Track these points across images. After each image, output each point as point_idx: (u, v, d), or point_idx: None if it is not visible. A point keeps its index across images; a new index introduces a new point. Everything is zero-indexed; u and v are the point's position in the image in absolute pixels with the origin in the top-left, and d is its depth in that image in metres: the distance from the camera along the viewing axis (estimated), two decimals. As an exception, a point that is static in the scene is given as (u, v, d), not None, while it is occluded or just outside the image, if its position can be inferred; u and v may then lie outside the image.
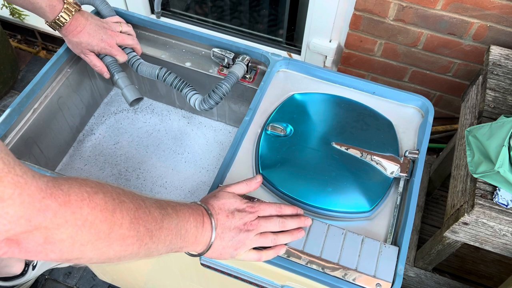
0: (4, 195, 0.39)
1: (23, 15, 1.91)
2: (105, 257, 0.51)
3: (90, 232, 0.47)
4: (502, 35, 1.24)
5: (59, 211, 0.44)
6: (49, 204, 0.43)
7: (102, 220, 0.48)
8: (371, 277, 0.67)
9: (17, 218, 0.41)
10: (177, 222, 0.59)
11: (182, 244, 0.61)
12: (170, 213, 0.59)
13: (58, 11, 0.83)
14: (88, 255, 0.49)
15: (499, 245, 0.93)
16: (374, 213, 0.75)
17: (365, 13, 1.33)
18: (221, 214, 0.65)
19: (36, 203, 0.42)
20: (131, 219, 0.52)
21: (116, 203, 0.51)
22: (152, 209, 0.56)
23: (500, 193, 0.86)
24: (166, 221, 0.57)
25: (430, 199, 1.52)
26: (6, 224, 0.40)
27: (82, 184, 0.48)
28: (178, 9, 1.77)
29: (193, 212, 0.62)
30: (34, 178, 0.43)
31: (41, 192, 0.43)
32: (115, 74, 0.92)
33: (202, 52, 1.01)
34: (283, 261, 0.68)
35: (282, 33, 1.71)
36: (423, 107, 0.88)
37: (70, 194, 0.46)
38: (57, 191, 0.45)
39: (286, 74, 0.94)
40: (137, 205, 0.54)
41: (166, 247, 0.58)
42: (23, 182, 0.41)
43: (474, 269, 1.40)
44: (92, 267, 1.40)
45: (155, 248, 0.57)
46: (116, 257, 0.52)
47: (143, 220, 0.54)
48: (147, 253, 0.56)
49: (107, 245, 0.50)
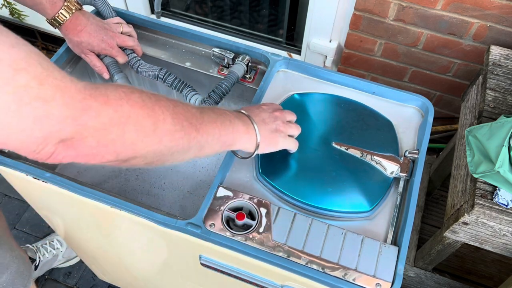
0: (47, 97, 0.41)
1: (22, 15, 1.91)
2: (159, 155, 0.53)
3: (136, 129, 0.49)
4: (502, 35, 1.24)
5: (101, 109, 0.46)
6: (90, 104, 0.45)
7: (144, 116, 0.50)
8: (371, 277, 0.67)
9: (63, 118, 0.43)
10: (217, 116, 0.60)
11: (234, 135, 0.62)
12: (207, 110, 0.60)
13: (58, 8, 0.83)
14: (141, 152, 0.51)
15: (499, 245, 0.93)
16: (374, 213, 0.75)
17: (365, 13, 1.33)
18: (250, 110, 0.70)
19: (78, 104, 0.44)
20: (172, 115, 0.53)
21: (153, 100, 0.52)
22: (188, 106, 0.57)
23: (500, 193, 0.86)
24: (206, 116, 0.58)
25: (430, 199, 1.52)
26: (55, 124, 0.43)
27: (116, 86, 0.50)
28: (178, 9, 1.77)
29: (228, 110, 0.65)
30: (73, 82, 0.45)
31: (80, 93, 0.45)
32: (115, 75, 0.92)
33: (202, 52, 1.01)
34: (283, 261, 0.68)
35: (282, 33, 1.71)
36: (423, 107, 0.88)
37: (108, 94, 0.47)
38: (95, 92, 0.46)
39: (286, 74, 0.94)
40: (174, 103, 0.55)
41: (218, 140, 0.60)
42: (62, 85, 0.43)
43: (474, 269, 1.40)
44: (92, 267, 1.40)
45: (206, 142, 0.58)
46: (169, 152, 0.54)
47: (183, 115, 0.55)
48: (199, 148, 0.57)
49: (157, 141, 0.51)
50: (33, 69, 0.41)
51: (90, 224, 0.96)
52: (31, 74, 0.40)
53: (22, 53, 0.41)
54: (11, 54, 0.39)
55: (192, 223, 0.70)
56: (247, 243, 0.69)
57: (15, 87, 0.39)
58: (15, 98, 0.40)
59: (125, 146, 0.49)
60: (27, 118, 0.41)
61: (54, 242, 1.55)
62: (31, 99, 0.41)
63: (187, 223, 0.70)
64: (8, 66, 0.39)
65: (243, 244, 0.69)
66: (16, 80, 0.39)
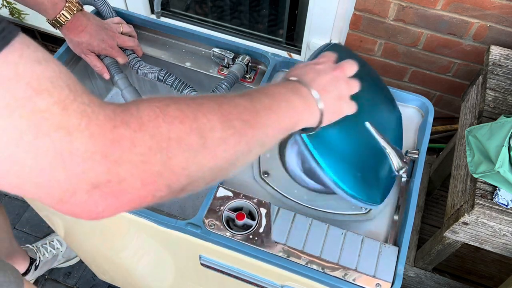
0: (69, 127, 0.33)
1: (23, 15, 1.91)
2: (218, 170, 0.44)
3: (183, 149, 0.40)
4: (502, 35, 1.24)
5: (135, 138, 0.37)
6: (122, 132, 0.36)
7: (187, 131, 0.40)
8: (371, 277, 0.67)
9: (90, 154, 0.34)
10: (270, 100, 0.51)
11: (295, 117, 0.53)
12: (256, 95, 0.50)
13: (60, 8, 0.83)
14: (196, 175, 0.42)
15: (499, 245, 0.93)
16: (378, 209, 0.75)
17: (365, 13, 1.33)
18: (307, 75, 0.58)
19: (108, 134, 0.35)
20: (219, 118, 0.43)
21: (194, 108, 0.42)
22: (235, 100, 0.47)
23: (500, 193, 0.86)
24: (258, 104, 0.49)
25: (430, 199, 1.52)
26: (80, 162, 0.34)
27: (149, 102, 0.40)
28: (178, 9, 1.77)
29: (281, 84, 0.55)
30: (102, 107, 0.36)
31: (110, 121, 0.36)
32: (115, 75, 0.92)
33: (202, 52, 1.01)
34: (283, 261, 0.68)
35: (282, 33, 1.71)
36: (423, 107, 0.88)
37: (142, 116, 0.38)
38: (127, 117, 0.37)
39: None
40: (218, 102, 0.45)
41: (278, 129, 0.51)
42: (89, 111, 0.34)
43: (474, 269, 1.40)
44: (92, 267, 1.40)
45: (265, 134, 0.49)
46: (228, 163, 0.45)
47: (233, 113, 0.45)
48: (261, 145, 0.49)
49: (211, 157, 0.42)
50: (57, 92, 0.33)
51: (90, 224, 0.96)
52: (55, 98, 0.33)
53: (48, 71, 0.33)
54: (35, 71, 0.32)
55: (192, 223, 0.70)
56: (247, 243, 0.69)
57: (33, 112, 0.31)
58: (31, 126, 0.31)
59: (176, 175, 0.39)
60: (45, 153, 0.32)
61: (54, 242, 1.55)
62: (50, 128, 0.32)
63: (187, 223, 0.70)
64: (28, 84, 0.31)
65: (243, 244, 0.69)
66: (35, 103, 0.31)
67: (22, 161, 0.32)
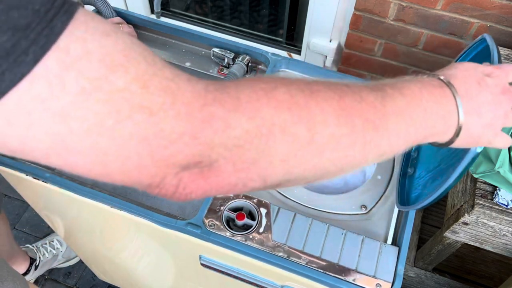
0: (152, 106, 0.29)
1: (23, 15, 1.91)
2: (321, 171, 0.38)
3: (285, 141, 0.34)
4: (502, 35, 1.24)
5: (230, 118, 0.32)
6: (213, 111, 0.32)
7: (294, 120, 0.34)
8: (371, 277, 0.67)
9: (177, 135, 0.30)
10: (407, 103, 0.41)
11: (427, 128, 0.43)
12: (391, 93, 0.41)
13: None
14: (296, 172, 0.36)
15: (499, 245, 0.93)
16: (375, 211, 0.75)
17: (365, 13, 1.33)
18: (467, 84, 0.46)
19: (196, 113, 0.31)
20: (337, 111, 0.36)
21: (307, 94, 0.36)
22: (363, 93, 0.39)
23: (500, 193, 0.86)
24: (389, 104, 0.40)
25: (430, 199, 1.52)
26: (167, 145, 0.30)
27: (253, 82, 0.35)
28: (178, 9, 1.77)
29: (425, 85, 0.44)
30: (190, 82, 0.32)
31: (200, 98, 0.31)
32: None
33: (202, 52, 1.01)
34: (283, 261, 0.68)
35: (282, 33, 1.71)
36: (423, 107, 0.87)
37: (240, 96, 0.33)
38: (221, 95, 0.33)
39: (286, 74, 0.94)
40: (340, 92, 0.38)
41: (403, 139, 0.41)
42: (174, 87, 0.30)
43: (474, 269, 1.39)
44: (92, 267, 1.40)
45: (387, 143, 0.40)
46: (335, 166, 0.38)
47: (355, 109, 0.37)
48: (378, 153, 0.40)
49: (316, 154, 0.36)
50: (134, 66, 0.29)
51: (90, 224, 0.96)
52: (132, 74, 0.28)
53: (119, 43, 0.29)
54: (104, 46, 0.28)
55: (192, 223, 0.70)
56: (247, 243, 0.69)
57: (110, 93, 0.27)
58: (111, 109, 0.28)
59: (273, 166, 0.35)
60: (129, 139, 0.29)
61: (54, 242, 1.55)
62: (132, 110, 0.28)
63: (187, 223, 0.70)
64: (100, 62, 0.27)
65: (243, 244, 0.69)
66: (111, 83, 0.27)
67: (106, 150, 0.29)
